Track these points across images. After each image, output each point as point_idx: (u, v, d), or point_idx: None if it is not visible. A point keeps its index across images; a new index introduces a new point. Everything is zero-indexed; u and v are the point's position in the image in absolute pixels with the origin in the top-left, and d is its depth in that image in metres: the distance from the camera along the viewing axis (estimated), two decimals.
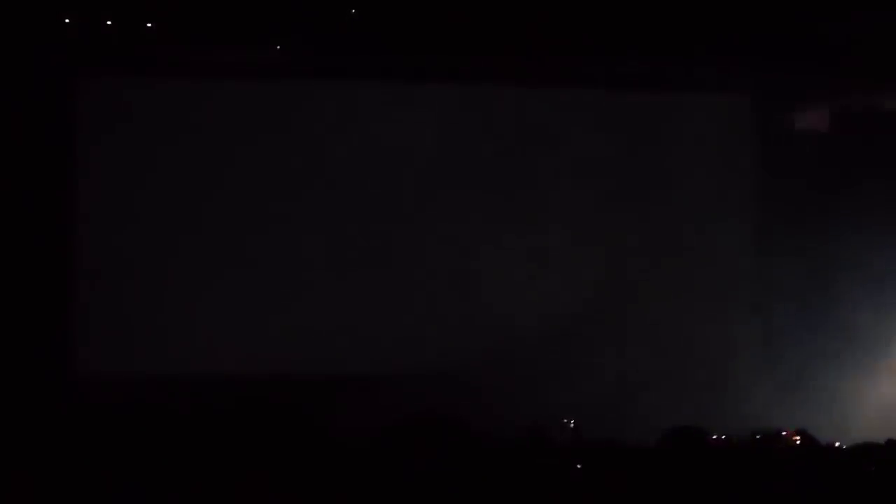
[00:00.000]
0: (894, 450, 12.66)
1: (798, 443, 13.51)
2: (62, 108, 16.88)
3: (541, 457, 12.38)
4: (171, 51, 16.85)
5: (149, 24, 16.35)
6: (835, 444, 13.32)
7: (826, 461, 12.65)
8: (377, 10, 16.68)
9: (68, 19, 16.29)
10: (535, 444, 13.02)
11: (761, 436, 13.58)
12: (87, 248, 17.12)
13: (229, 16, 16.23)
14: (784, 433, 13.65)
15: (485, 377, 17.20)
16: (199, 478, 11.50)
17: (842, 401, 17.10)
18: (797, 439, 13.56)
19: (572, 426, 15.08)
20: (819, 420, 14.68)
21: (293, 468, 11.68)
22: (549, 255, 18.13)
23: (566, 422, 15.14)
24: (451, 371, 17.24)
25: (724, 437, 13.95)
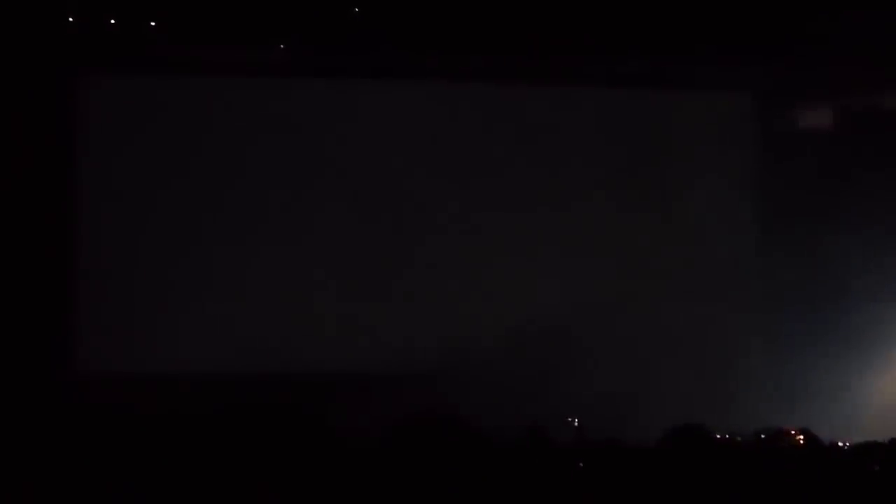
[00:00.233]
0: None
1: (801, 442, 13.50)
2: (64, 107, 16.89)
3: (543, 456, 12.38)
4: (173, 50, 16.85)
5: (151, 23, 16.34)
6: (838, 444, 13.31)
7: (829, 460, 12.65)
8: (379, 10, 16.67)
9: (71, 18, 16.28)
10: (536, 443, 13.01)
11: (765, 435, 13.58)
12: (87, 247, 17.11)
13: (232, 15, 16.24)
14: (787, 432, 13.65)
15: (486, 377, 17.20)
16: (200, 477, 11.50)
17: (845, 400, 17.09)
18: (800, 438, 13.55)
19: (576, 425, 15.08)
20: (822, 419, 14.66)
21: (295, 467, 11.67)
22: (550, 255, 18.13)
23: (569, 421, 15.14)
24: (452, 370, 17.24)
25: (728, 436, 13.96)
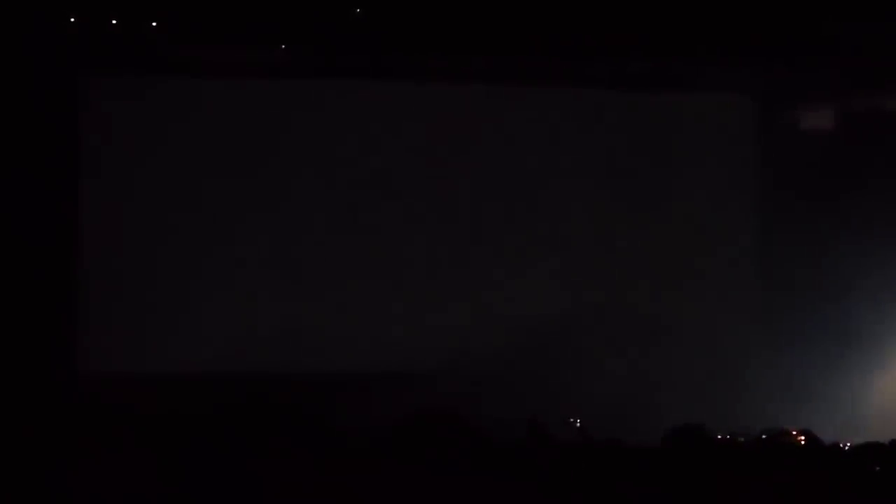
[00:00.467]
0: None
1: (802, 442, 13.48)
2: (66, 108, 16.90)
3: (544, 455, 12.37)
4: (174, 50, 16.85)
5: (153, 24, 16.35)
6: (839, 444, 13.28)
7: (830, 461, 12.63)
8: (381, 11, 16.67)
9: (73, 18, 16.28)
10: (537, 440, 13.00)
11: (766, 435, 13.56)
12: (91, 247, 17.14)
13: (234, 15, 16.23)
14: (788, 433, 13.63)
15: (488, 376, 17.22)
16: (201, 476, 11.51)
17: (846, 401, 17.08)
18: (801, 439, 13.53)
19: (578, 425, 15.06)
20: (823, 420, 14.66)
21: (295, 466, 11.68)
22: (551, 255, 18.14)
23: (571, 421, 15.12)
24: (452, 370, 17.25)
25: (729, 436, 13.94)
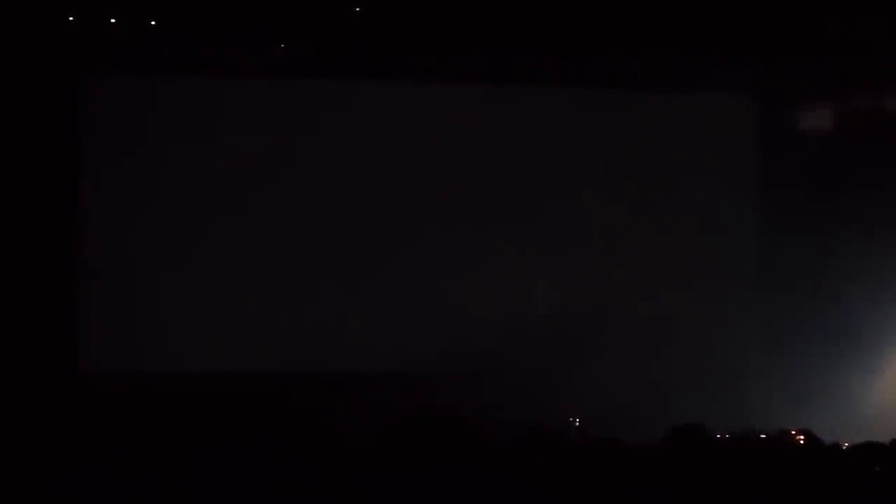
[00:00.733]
0: None
1: (802, 442, 13.49)
2: (66, 106, 16.90)
3: (544, 455, 12.37)
4: (174, 49, 16.85)
5: (152, 23, 16.34)
6: (839, 444, 13.29)
7: (830, 461, 12.63)
8: (380, 10, 16.66)
9: (72, 17, 16.28)
10: (537, 442, 13.01)
11: (766, 435, 13.56)
12: (91, 245, 17.14)
13: (233, 14, 16.23)
14: (788, 433, 13.63)
15: (490, 376, 17.22)
16: (202, 475, 11.50)
17: (846, 400, 17.07)
18: (801, 439, 13.54)
19: (577, 425, 15.08)
20: (823, 419, 14.66)
21: (297, 465, 11.67)
22: (554, 254, 18.14)
23: (571, 420, 15.14)
24: (452, 370, 17.25)
25: (728, 436, 13.95)
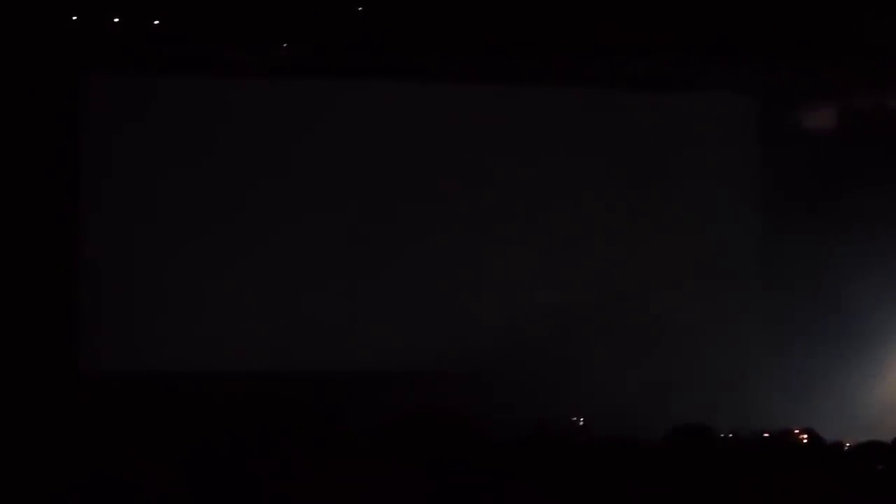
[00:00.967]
0: None
1: (805, 441, 13.47)
2: (68, 106, 16.91)
3: (549, 455, 12.35)
4: (176, 48, 16.85)
5: (155, 22, 16.34)
6: (842, 443, 13.27)
7: (833, 460, 12.62)
8: (383, 10, 16.67)
9: (74, 17, 16.28)
10: (542, 441, 12.99)
11: (769, 434, 13.55)
12: (92, 245, 17.14)
13: (236, 14, 16.24)
14: (791, 432, 13.62)
15: (492, 375, 17.22)
16: (204, 475, 11.49)
17: (849, 400, 17.07)
18: (804, 438, 13.52)
19: (582, 424, 15.08)
20: (826, 419, 14.65)
21: (298, 465, 11.66)
22: (555, 254, 18.14)
23: (576, 420, 15.15)
24: (457, 369, 17.25)
25: (732, 435, 13.94)
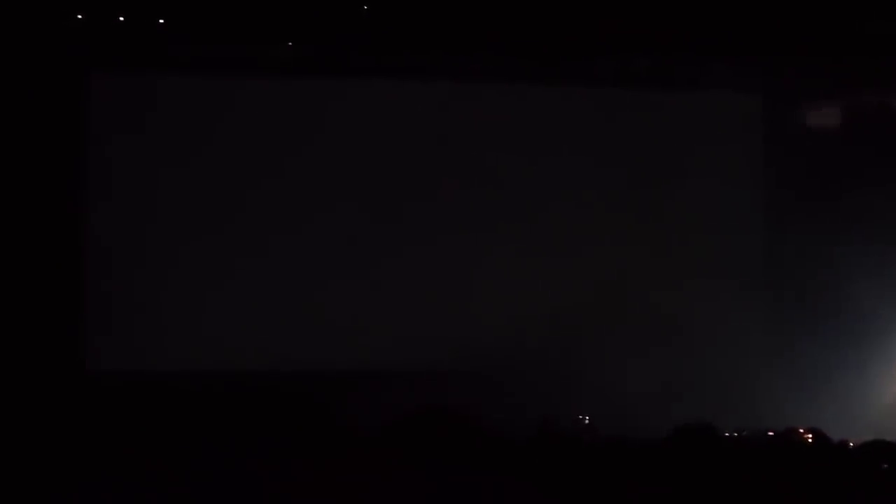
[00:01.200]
0: None
1: (810, 441, 13.50)
2: (73, 105, 16.90)
3: (554, 453, 12.39)
4: (181, 47, 16.85)
5: (160, 21, 16.36)
6: (847, 442, 13.30)
7: (838, 459, 12.65)
8: (388, 9, 16.67)
9: (80, 16, 16.29)
10: (547, 440, 13.03)
11: (774, 433, 13.58)
12: (96, 244, 17.13)
13: (241, 13, 16.24)
14: (796, 431, 13.64)
15: (496, 375, 17.22)
16: (209, 472, 11.53)
17: (853, 398, 17.06)
18: (809, 437, 13.55)
19: (587, 422, 15.09)
20: (831, 418, 14.66)
21: (305, 463, 11.70)
22: (559, 253, 18.14)
23: (581, 418, 15.16)
24: (461, 368, 17.26)
25: (737, 434, 13.97)
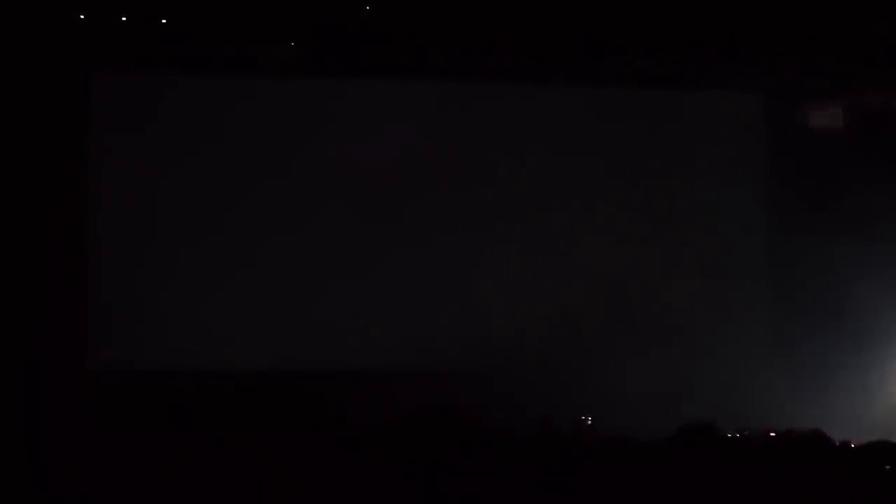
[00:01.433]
0: None
1: (812, 441, 13.48)
2: (76, 105, 16.90)
3: (556, 453, 12.39)
4: (184, 47, 16.85)
5: (163, 21, 16.36)
6: (848, 443, 13.30)
7: (840, 460, 12.64)
8: (390, 9, 16.67)
9: (82, 15, 16.29)
10: (547, 439, 13.04)
11: (775, 433, 13.58)
12: (99, 243, 17.14)
13: (244, 13, 16.24)
14: (798, 431, 13.63)
15: (498, 374, 17.23)
16: (211, 471, 11.54)
17: (855, 399, 17.07)
18: (811, 438, 13.53)
19: (589, 423, 15.10)
20: (833, 418, 14.66)
21: (307, 462, 11.70)
22: (559, 253, 18.14)
23: (582, 418, 15.16)
24: (464, 367, 17.27)
25: (738, 434, 13.98)
